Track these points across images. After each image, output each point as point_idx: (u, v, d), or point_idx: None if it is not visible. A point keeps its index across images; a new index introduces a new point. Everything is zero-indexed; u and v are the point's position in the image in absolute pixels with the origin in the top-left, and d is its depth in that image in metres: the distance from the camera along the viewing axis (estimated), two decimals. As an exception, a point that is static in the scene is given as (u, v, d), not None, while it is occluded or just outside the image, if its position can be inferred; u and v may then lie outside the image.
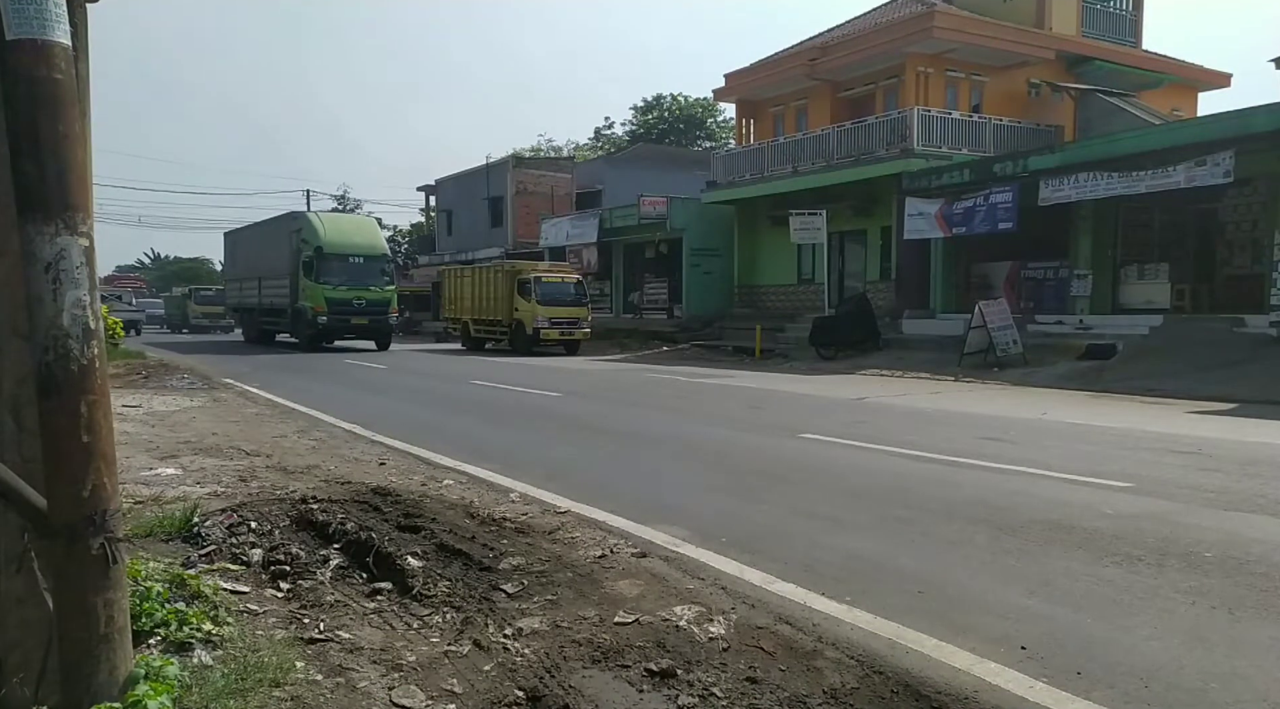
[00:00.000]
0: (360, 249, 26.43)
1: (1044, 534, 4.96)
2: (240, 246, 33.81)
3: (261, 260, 29.76)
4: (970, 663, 3.13)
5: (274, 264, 28.10)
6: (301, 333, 26.42)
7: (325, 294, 25.16)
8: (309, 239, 25.91)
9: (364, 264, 26.18)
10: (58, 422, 2.10)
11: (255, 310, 31.00)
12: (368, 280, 26.06)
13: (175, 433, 8.56)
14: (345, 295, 25.46)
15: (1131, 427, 9.46)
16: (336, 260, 25.71)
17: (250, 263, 31.49)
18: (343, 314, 25.61)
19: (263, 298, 29.79)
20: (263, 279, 29.56)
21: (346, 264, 25.88)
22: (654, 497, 6.02)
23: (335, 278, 25.52)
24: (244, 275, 32.18)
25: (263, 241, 29.98)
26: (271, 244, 28.88)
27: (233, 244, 35.22)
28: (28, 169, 2.07)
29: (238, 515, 4.67)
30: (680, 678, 2.97)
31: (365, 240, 27.11)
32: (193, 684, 2.69)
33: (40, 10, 2.05)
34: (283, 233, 27.84)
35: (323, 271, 25.40)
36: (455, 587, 3.80)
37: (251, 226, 33.15)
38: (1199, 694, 2.92)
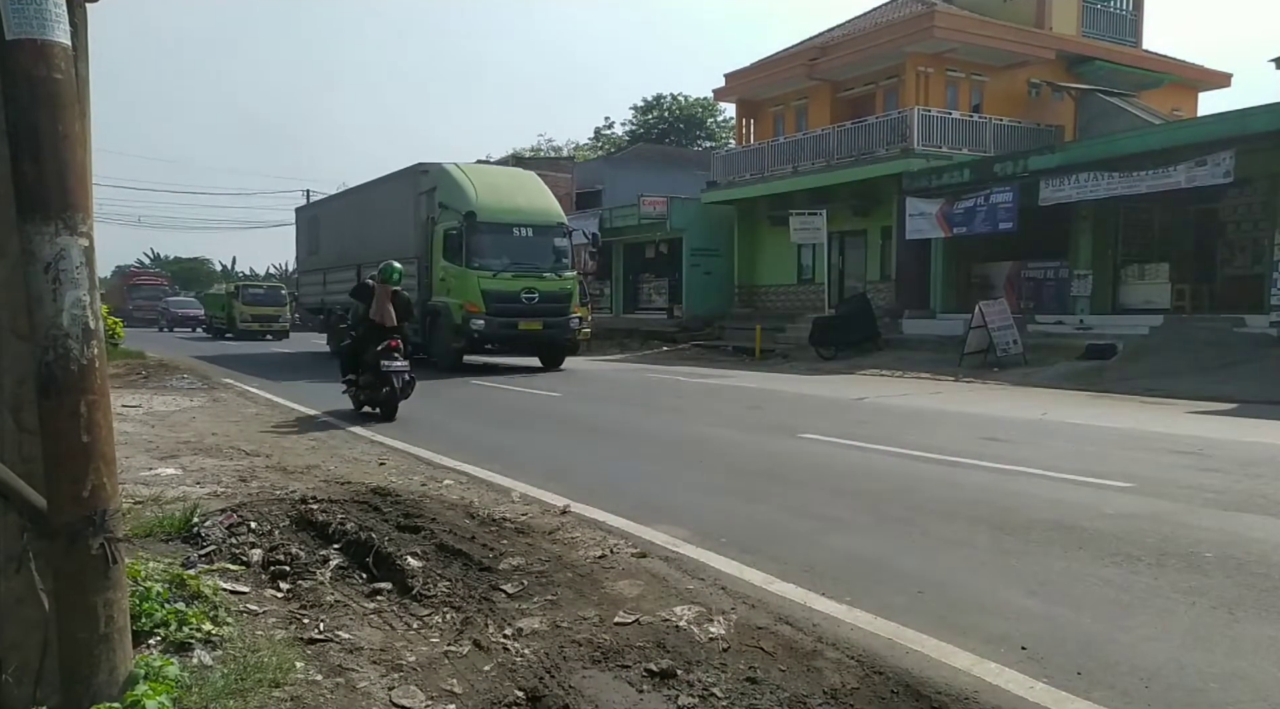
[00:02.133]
0: (527, 216, 17.29)
1: (1044, 534, 4.96)
2: (325, 224, 24.44)
3: (365, 239, 20.92)
4: (970, 663, 3.13)
5: (387, 243, 19.24)
6: (442, 345, 17.16)
7: (482, 284, 16.35)
8: (451, 201, 17.04)
9: (533, 239, 17.20)
10: (58, 422, 2.10)
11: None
12: (540, 263, 17.18)
13: (175, 433, 8.56)
14: (510, 286, 16.55)
15: (1131, 427, 9.45)
16: (496, 233, 16.72)
17: (343, 245, 22.52)
18: (508, 315, 16.44)
19: None
20: (364, 266, 20.76)
21: (510, 239, 16.92)
22: (654, 497, 6.02)
23: (495, 259, 16.63)
24: (331, 263, 23.05)
25: (367, 212, 21.25)
26: (383, 214, 20.07)
27: (311, 222, 25.93)
28: (27, 169, 2.07)
29: (237, 515, 4.67)
30: (680, 678, 2.97)
31: (532, 203, 17.76)
32: (192, 684, 2.69)
33: (40, 10, 2.05)
34: (403, 196, 18.89)
35: (477, 251, 16.45)
36: (455, 587, 3.80)
37: (346, 193, 23.88)
38: (1199, 694, 2.92)
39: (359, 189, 22.54)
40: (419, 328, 16.91)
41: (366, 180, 22.24)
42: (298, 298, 28.67)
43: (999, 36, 22.63)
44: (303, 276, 27.55)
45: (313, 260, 25.55)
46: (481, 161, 38.14)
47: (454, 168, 17.82)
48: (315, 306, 25.69)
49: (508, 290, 16.51)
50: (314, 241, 25.40)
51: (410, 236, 18.29)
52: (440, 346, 17.36)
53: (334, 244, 23.40)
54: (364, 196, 21.74)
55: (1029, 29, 23.32)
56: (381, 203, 20.29)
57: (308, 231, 26.17)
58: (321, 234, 24.79)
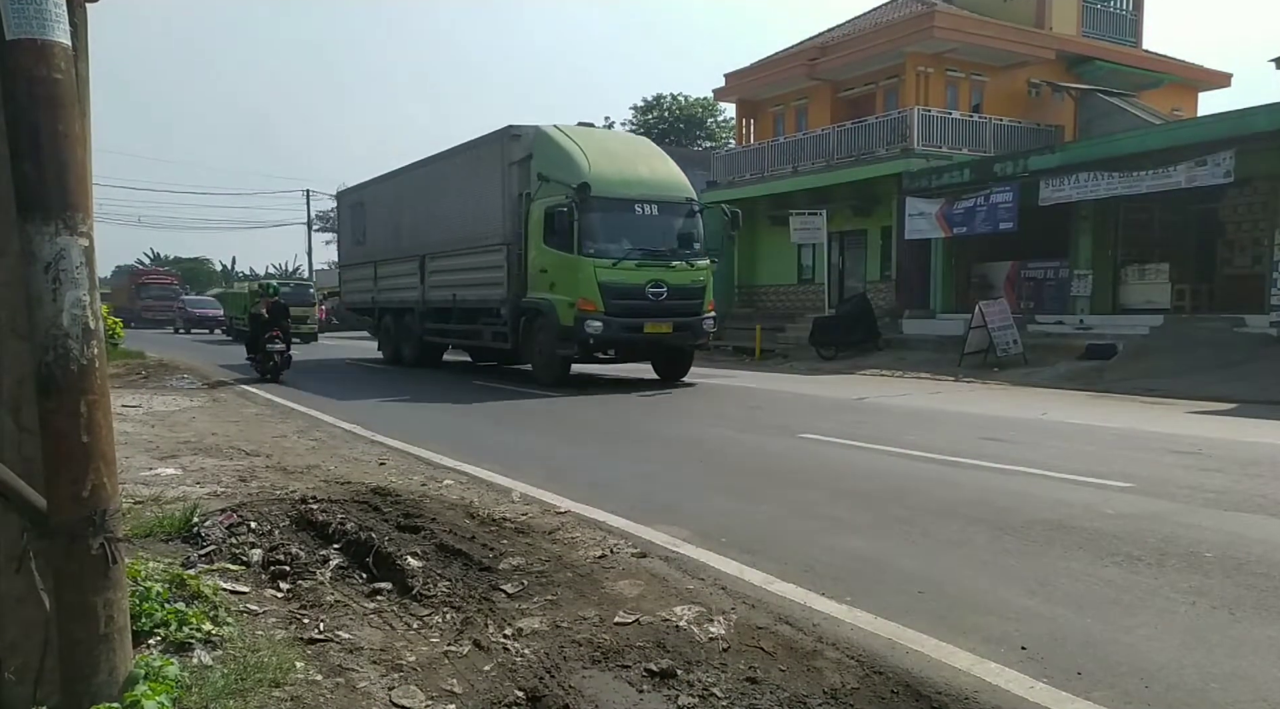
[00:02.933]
0: (651, 189, 13.89)
1: (1044, 534, 4.96)
2: (376, 209, 20.36)
3: (432, 224, 17.15)
4: (970, 663, 3.13)
5: (463, 226, 15.74)
6: (545, 354, 13.87)
7: (600, 275, 13.00)
8: (554, 172, 13.53)
9: (659, 218, 13.81)
10: (57, 422, 2.10)
11: (410, 312, 18.33)
12: (667, 248, 13.83)
13: (175, 433, 8.56)
14: (633, 278, 13.20)
15: (1132, 427, 9.45)
16: (614, 211, 13.34)
17: (400, 233, 18.74)
18: (631, 314, 13.16)
19: (430, 290, 17.26)
20: (432, 257, 17.17)
21: (632, 218, 13.51)
22: (654, 497, 6.02)
23: (614, 244, 13.29)
24: (385, 254, 19.52)
25: (434, 191, 17.23)
26: (457, 192, 16.14)
27: (355, 208, 21.70)
28: (27, 169, 2.07)
29: (237, 515, 4.67)
30: (680, 678, 2.97)
31: (656, 173, 14.30)
32: (192, 684, 2.69)
33: (40, 10, 2.05)
34: (485, 168, 15.15)
35: (592, 233, 13.09)
36: (455, 587, 3.80)
37: (405, 171, 18.92)
38: (1199, 694, 2.92)
39: (422, 164, 18.04)
40: (506, 331, 14.64)
41: (428, 154, 18.02)
42: (339, 295, 24.29)
43: (999, 36, 22.63)
44: (345, 271, 22.93)
45: (358, 252, 21.52)
46: None
47: (555, 131, 14.26)
48: (362, 306, 21.86)
49: (630, 283, 13.11)
50: (360, 230, 21.37)
51: (496, 218, 14.62)
52: (542, 355, 13.92)
53: (387, 232, 19.74)
54: (430, 173, 17.56)
55: (1029, 29, 23.32)
56: (455, 179, 16.42)
57: (352, 219, 22.05)
58: (370, 221, 20.76)
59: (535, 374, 14.31)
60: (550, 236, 13.53)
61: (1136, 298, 17.84)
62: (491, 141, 15.27)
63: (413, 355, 18.65)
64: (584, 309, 13.01)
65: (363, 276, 21.25)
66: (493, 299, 15.02)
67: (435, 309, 17.45)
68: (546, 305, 13.52)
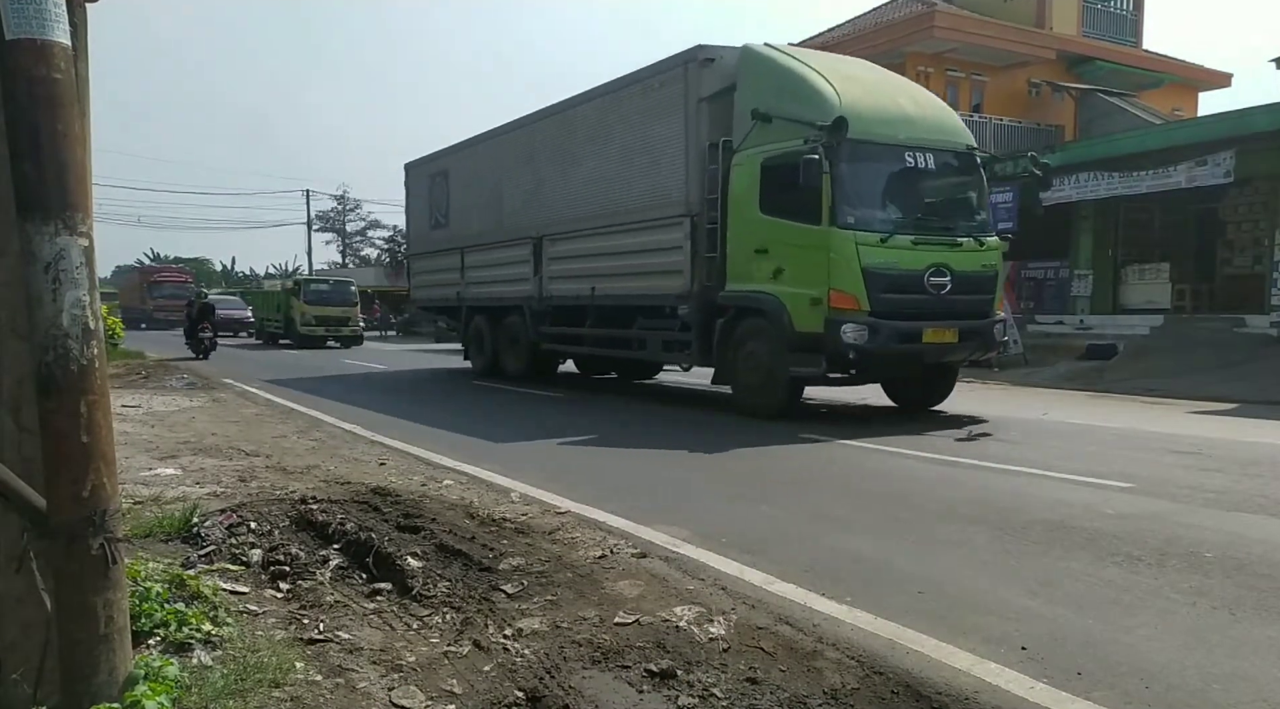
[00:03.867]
0: (923, 133, 9.83)
1: (1044, 534, 4.96)
2: (466, 178, 16.06)
3: (557, 192, 13.32)
4: (971, 663, 3.13)
5: (619, 194, 11.95)
6: (767, 370, 9.77)
7: (865, 257, 9.05)
8: (781, 106, 9.61)
9: (933, 173, 9.94)
10: (57, 422, 2.09)
11: (517, 311, 14.43)
12: (951, 219, 9.95)
13: (175, 433, 8.56)
14: (911, 262, 9.29)
15: (1132, 427, 9.45)
16: (879, 162, 9.58)
17: (505, 208, 14.69)
18: (907, 314, 9.26)
19: (551, 282, 13.51)
20: (555, 239, 13.30)
21: (902, 173, 9.69)
22: (654, 497, 6.02)
23: (880, 210, 9.50)
24: (477, 237, 15.58)
25: (566, 149, 13.16)
26: (605, 147, 12.29)
27: (434, 180, 17.23)
28: (27, 169, 2.06)
29: (237, 516, 4.66)
30: (680, 678, 2.97)
31: (922, 110, 10.25)
32: (192, 685, 2.69)
33: (40, 10, 2.05)
34: (662, 107, 11.15)
35: (850, 194, 9.20)
36: (455, 587, 3.80)
37: (514, 127, 14.56)
38: (1200, 695, 2.92)
39: (540, 117, 13.77)
40: (688, 339, 10.72)
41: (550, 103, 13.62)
42: (409, 291, 19.63)
43: (999, 36, 22.65)
44: (416, 262, 18.71)
45: (437, 237, 17.14)
46: None
47: (774, 51, 10.22)
48: (441, 304, 17.59)
49: (906, 269, 9.10)
50: (439, 209, 16.99)
51: (673, 180, 10.73)
52: (755, 373, 9.77)
53: (482, 209, 15.37)
54: (554, 127, 13.35)
55: (1029, 29, 23.34)
56: (599, 131, 12.27)
57: (429, 195, 17.44)
58: (455, 197, 16.40)
59: (737, 400, 10.27)
60: (774, 201, 9.47)
61: (1137, 298, 17.85)
62: (668, 72, 10.97)
63: (519, 367, 14.64)
64: (839, 306, 8.91)
65: (442, 267, 16.93)
66: (664, 293, 11.04)
67: (558, 308, 13.44)
68: (768, 302, 9.48)
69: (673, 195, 10.93)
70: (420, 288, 18.62)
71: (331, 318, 28.17)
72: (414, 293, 19.09)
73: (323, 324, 28.03)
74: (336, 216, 63.90)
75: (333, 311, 28.23)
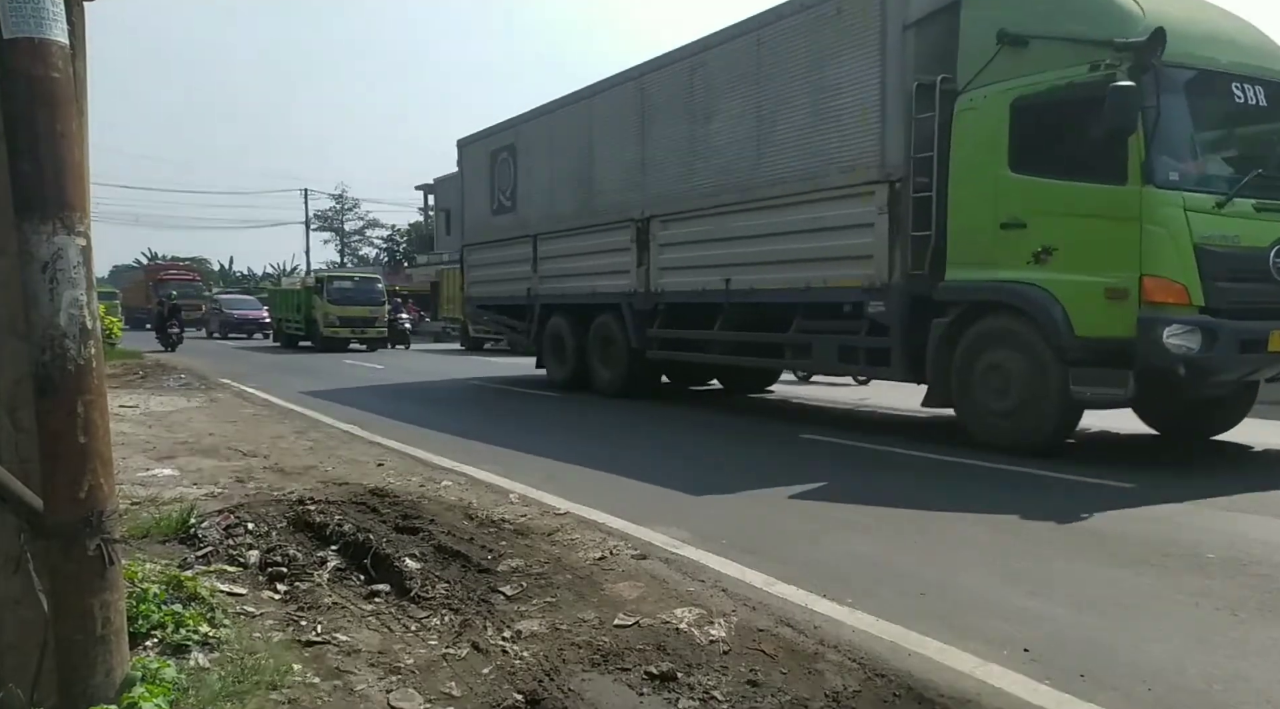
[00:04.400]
0: (1252, 58, 7.05)
1: (1046, 535, 4.95)
2: (542, 151, 13.70)
3: (675, 160, 10.99)
4: (973, 666, 3.12)
5: (760, 159, 9.67)
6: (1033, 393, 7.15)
7: (1197, 228, 6.43)
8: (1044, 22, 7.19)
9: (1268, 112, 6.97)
10: (54, 422, 2.08)
11: (613, 310, 12.23)
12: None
13: (172, 433, 8.54)
14: (1255, 240, 6.63)
15: (1132, 426, 9.44)
16: (1203, 97, 6.92)
17: (588, 185, 12.56)
18: (1249, 311, 6.61)
19: (665, 274, 11.30)
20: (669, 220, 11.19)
21: (1231, 112, 7.03)
22: (654, 497, 6.00)
23: (1206, 163, 7.05)
24: (556, 222, 13.31)
25: (688, 103, 10.73)
26: (752, 95, 9.75)
27: (498, 158, 14.80)
28: (25, 168, 2.05)
29: (235, 517, 4.65)
30: (681, 681, 2.95)
31: (1245, 33, 7.36)
32: (189, 686, 2.67)
33: (37, 9, 2.04)
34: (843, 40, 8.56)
35: (1172, 139, 6.64)
36: (454, 589, 3.78)
37: (610, 84, 12.23)
38: (1202, 696, 2.91)
39: (663, 64, 11.15)
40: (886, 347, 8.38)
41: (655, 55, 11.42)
42: (463, 288, 16.91)
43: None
44: (472, 254, 15.91)
45: (500, 224, 14.66)
46: None
47: None
48: (506, 302, 14.84)
49: (1250, 248, 6.75)
50: (504, 190, 14.55)
51: (865, 134, 8.38)
52: (1001, 396, 7.48)
53: (564, 187, 12.96)
54: (681, 76, 10.78)
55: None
56: (753, 73, 9.72)
57: (489, 176, 14.97)
58: (525, 175, 13.96)
59: (973, 429, 7.78)
60: (1037, 154, 7.27)
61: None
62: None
63: (613, 377, 12.33)
64: (1157, 300, 6.52)
65: (508, 259, 14.47)
66: (843, 285, 8.70)
67: (672, 306, 11.22)
68: (1028, 296, 7.16)
69: (860, 156, 8.39)
70: (477, 283, 15.80)
71: (357, 318, 25.85)
72: (470, 289, 16.20)
73: (347, 325, 25.75)
74: (335, 216, 63.95)
75: (358, 311, 25.87)
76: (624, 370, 12.18)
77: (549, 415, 11.00)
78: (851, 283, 8.61)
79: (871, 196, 8.33)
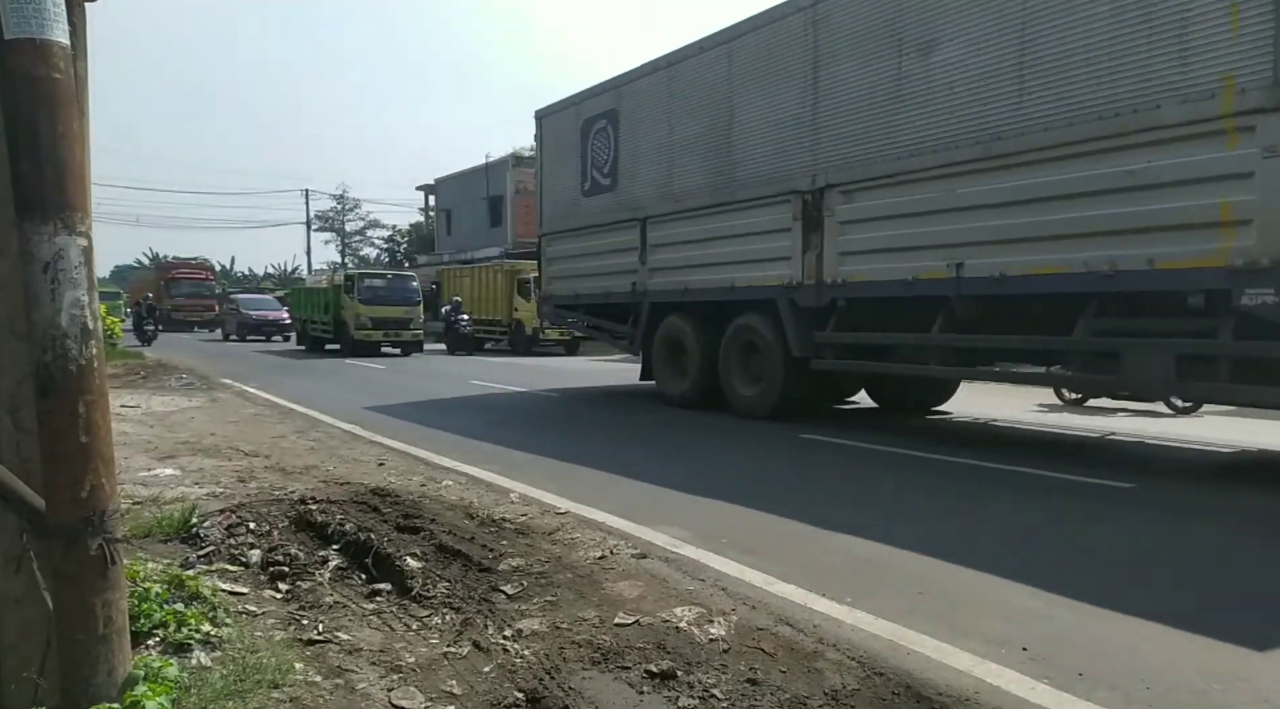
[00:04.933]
0: None
1: (1046, 535, 4.96)
2: (656, 116, 11.37)
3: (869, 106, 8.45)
4: (971, 664, 3.12)
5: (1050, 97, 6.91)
6: None
7: None
8: None
9: None
10: (56, 422, 2.09)
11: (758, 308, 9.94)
12: None
13: (174, 433, 8.55)
14: None
15: (1133, 427, 9.45)
16: None
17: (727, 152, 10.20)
18: None
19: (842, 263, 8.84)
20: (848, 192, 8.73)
21: None
22: (654, 497, 6.01)
23: None
24: (668, 203, 11.19)
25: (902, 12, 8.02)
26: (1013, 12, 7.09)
27: (593, 127, 12.58)
28: (26, 168, 2.06)
29: (236, 516, 4.66)
30: (680, 679, 2.96)
31: None
32: (191, 685, 2.68)
33: (39, 9, 2.04)
34: None
35: None
36: (455, 588, 3.79)
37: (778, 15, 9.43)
38: (1201, 695, 2.92)
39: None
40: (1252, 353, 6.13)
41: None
42: (539, 284, 14.90)
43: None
44: (554, 244, 13.59)
45: (595, 206, 12.46)
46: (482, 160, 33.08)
47: None
48: (599, 300, 12.66)
49: None
50: (601, 165, 12.34)
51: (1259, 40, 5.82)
52: None
53: (691, 155, 10.71)
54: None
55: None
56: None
57: (580, 150, 12.76)
58: (631, 146, 11.76)
59: None
60: None
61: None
62: None
63: (766, 396, 9.88)
64: None
65: (604, 249, 12.28)
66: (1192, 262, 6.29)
67: (856, 302, 8.91)
68: None
69: (1227, 73, 5.98)
70: (560, 279, 13.43)
71: (391, 319, 23.49)
72: (549, 286, 13.84)
73: (380, 327, 23.34)
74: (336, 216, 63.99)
75: (392, 312, 23.56)
76: (777, 385, 9.72)
77: (549, 415, 11.02)
78: (1209, 261, 6.12)
79: (1253, 133, 5.85)
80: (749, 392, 10.12)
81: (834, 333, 9.02)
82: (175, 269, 47.01)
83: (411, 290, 24.52)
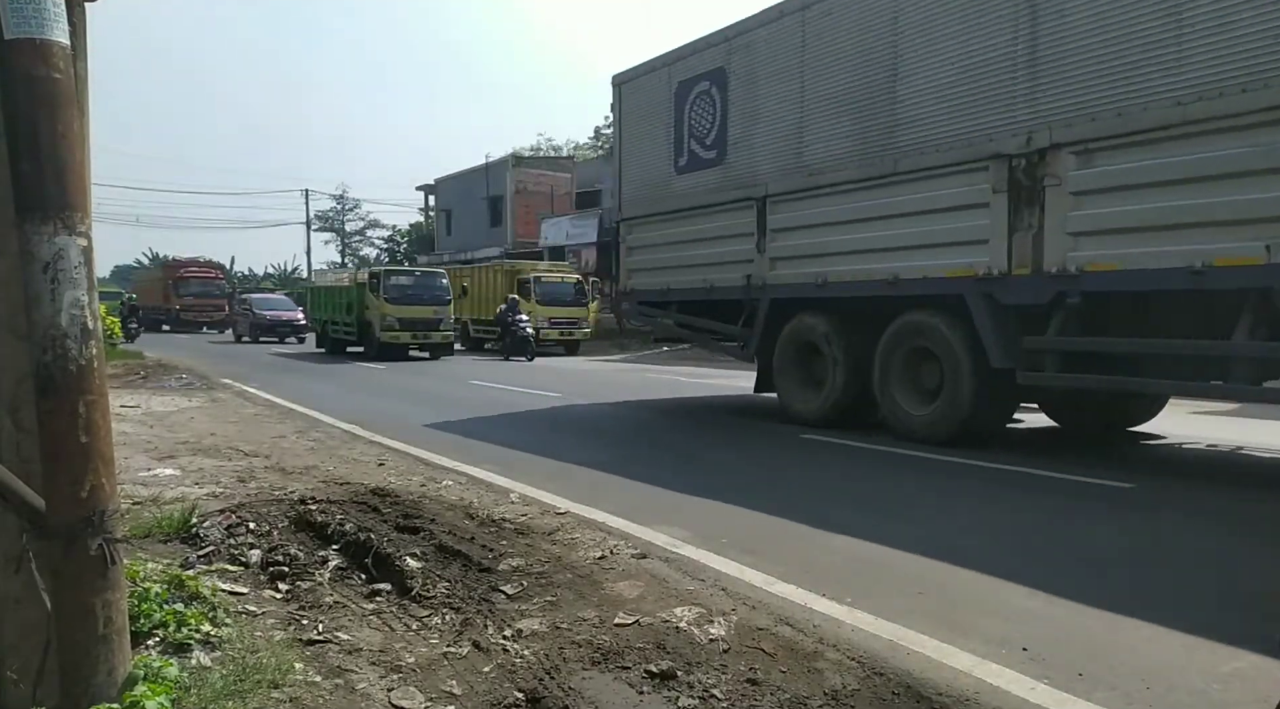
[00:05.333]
0: None
1: (1045, 534, 4.96)
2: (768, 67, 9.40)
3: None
4: (971, 664, 3.12)
5: None
6: None
7: None
8: None
9: None
10: (56, 422, 2.09)
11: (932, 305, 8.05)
12: None
13: (174, 433, 8.55)
14: None
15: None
16: None
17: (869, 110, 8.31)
18: None
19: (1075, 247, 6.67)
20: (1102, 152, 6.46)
21: None
22: (654, 497, 6.01)
23: None
24: (797, 177, 9.12)
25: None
26: None
27: (693, 86, 10.51)
28: (26, 168, 2.06)
29: (236, 516, 4.66)
30: (680, 679, 2.96)
31: None
32: (191, 685, 2.68)
33: (39, 9, 2.04)
34: None
35: None
36: (454, 588, 3.79)
37: None
38: (1200, 695, 2.92)
39: None
40: None
41: None
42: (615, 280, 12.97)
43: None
44: (638, 231, 11.84)
45: (694, 185, 10.67)
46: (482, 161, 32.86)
47: None
48: (704, 298, 10.75)
49: None
50: (703, 137, 10.50)
51: None
52: None
53: (834, 117, 8.82)
54: None
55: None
56: None
57: (675, 121, 10.98)
58: (746, 111, 9.90)
59: None
60: None
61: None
62: None
63: (946, 415, 7.97)
64: None
65: (706, 234, 10.50)
66: None
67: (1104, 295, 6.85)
68: None
69: None
70: (643, 271, 11.65)
71: (419, 320, 21.85)
72: (630, 280, 11.95)
73: (408, 328, 21.67)
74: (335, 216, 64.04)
75: (421, 312, 21.89)
76: (963, 403, 7.78)
77: (548, 415, 11.02)
78: None
79: None
80: (920, 410, 8.20)
81: (1060, 338, 6.95)
82: (183, 268, 45.38)
83: (441, 289, 22.80)
